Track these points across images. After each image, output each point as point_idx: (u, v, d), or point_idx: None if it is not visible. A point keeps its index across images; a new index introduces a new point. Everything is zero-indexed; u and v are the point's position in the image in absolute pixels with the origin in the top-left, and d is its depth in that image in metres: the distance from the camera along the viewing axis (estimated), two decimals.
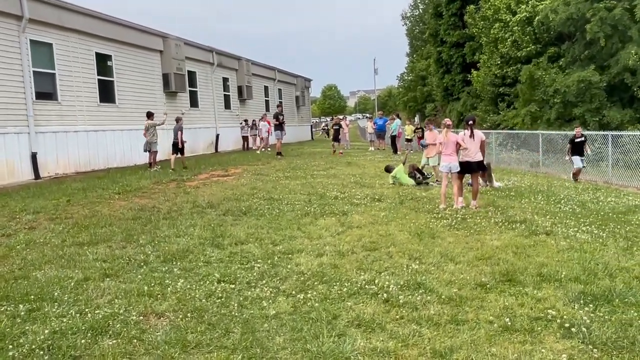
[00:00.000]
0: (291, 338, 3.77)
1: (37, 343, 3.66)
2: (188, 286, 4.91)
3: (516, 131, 21.49)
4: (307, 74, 44.48)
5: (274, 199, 9.84)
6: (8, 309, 4.37)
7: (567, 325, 3.83)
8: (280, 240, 6.68)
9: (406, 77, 60.40)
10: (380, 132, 26.93)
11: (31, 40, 14.89)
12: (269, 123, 26.98)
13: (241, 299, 4.58)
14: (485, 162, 9.72)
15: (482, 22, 28.08)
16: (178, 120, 17.60)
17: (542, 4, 22.57)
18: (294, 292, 4.74)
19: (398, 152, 22.31)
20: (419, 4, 57.34)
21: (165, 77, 21.57)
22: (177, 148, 16.98)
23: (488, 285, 4.80)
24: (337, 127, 23.85)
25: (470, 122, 9.05)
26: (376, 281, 4.95)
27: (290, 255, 5.98)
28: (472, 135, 8.91)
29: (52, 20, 15.58)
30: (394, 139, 23.57)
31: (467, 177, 9.59)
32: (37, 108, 15.02)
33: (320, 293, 4.70)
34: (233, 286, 4.92)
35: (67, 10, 16.21)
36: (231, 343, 3.70)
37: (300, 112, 39.74)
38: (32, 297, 4.62)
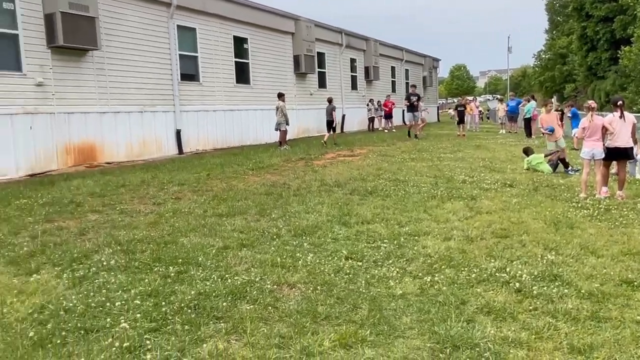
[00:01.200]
0: (418, 319, 3.77)
1: (185, 302, 4.04)
2: (317, 261, 5.09)
3: None
4: (435, 53, 43.16)
5: (399, 181, 9.81)
6: (160, 269, 4.86)
7: None
8: (406, 222, 6.66)
9: (543, 56, 56.51)
10: (512, 115, 25.55)
11: (178, 26, 16.15)
12: (387, 105, 26.77)
13: (368, 276, 4.66)
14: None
15: None
16: (330, 100, 18.91)
17: None
18: (420, 274, 4.72)
19: (532, 136, 21.02)
20: None
21: (296, 59, 22.24)
22: (332, 126, 18.27)
23: (635, 283, 4.41)
24: (461, 109, 23.08)
25: (620, 102, 8.22)
26: (507, 269, 4.76)
27: (416, 237, 5.94)
28: (622, 116, 8.10)
29: (196, 6, 16.75)
30: (528, 121, 22.22)
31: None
32: (182, 89, 16.32)
33: (447, 277, 4.63)
34: (360, 264, 5.02)
35: None
36: (359, 318, 3.79)
37: (426, 93, 38.89)
38: (180, 260, 5.09)
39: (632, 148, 8.31)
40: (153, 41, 15.25)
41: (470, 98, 34.19)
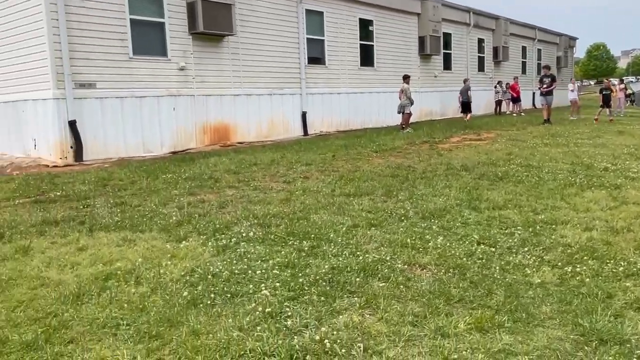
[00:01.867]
0: (559, 309, 3.59)
1: (319, 275, 4.20)
2: (447, 244, 5.02)
3: None
4: (571, 32, 40.12)
5: (532, 166, 9.30)
6: (294, 243, 5.09)
7: None
8: (541, 209, 6.31)
9: None
10: None
11: (307, 10, 16.53)
12: (514, 87, 25.30)
13: (502, 263, 4.51)
14: None
15: None
16: (465, 81, 18.94)
17: None
18: (559, 264, 4.46)
19: None
20: None
21: (421, 40, 21.80)
22: (467, 106, 18.48)
23: None
24: (607, 92, 21.18)
25: None
26: None
27: (553, 226, 5.61)
28: None
29: None
30: None
31: None
32: (308, 72, 16.75)
33: (590, 269, 4.34)
34: (493, 249, 4.86)
35: None
36: (494, 303, 3.69)
37: (560, 74, 36.22)
38: (312, 236, 5.29)
39: None
40: (283, 26, 15.79)
41: (616, 80, 30.90)
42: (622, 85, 26.13)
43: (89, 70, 11.46)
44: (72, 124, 11.15)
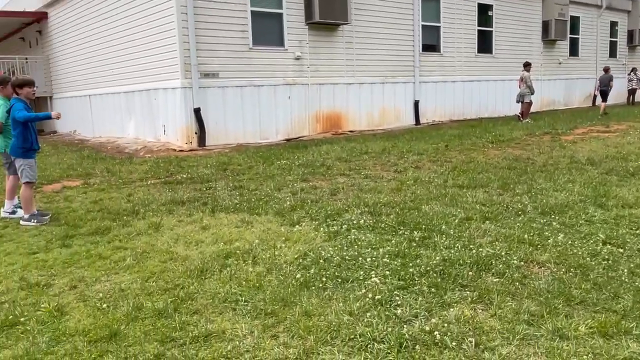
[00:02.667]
0: None
1: (430, 266, 4.15)
2: (569, 242, 4.72)
3: None
4: None
5: None
6: (405, 233, 5.07)
7: None
8: None
9: None
10: None
11: None
12: None
13: (632, 265, 4.15)
14: None
15: None
16: (607, 70, 18.33)
17: None
18: None
19: None
20: None
21: (545, 25, 20.45)
22: (606, 95, 17.92)
23: None
24: None
25: None
26: None
27: None
28: None
29: None
30: None
31: None
32: (422, 60, 16.44)
33: None
34: (621, 250, 4.49)
35: None
36: (621, 308, 3.43)
37: None
38: (423, 226, 5.23)
39: None
40: (398, 13, 15.60)
41: None
42: None
43: (213, 61, 12.16)
44: (197, 111, 11.92)
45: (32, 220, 6.03)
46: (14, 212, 6.48)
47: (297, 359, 2.98)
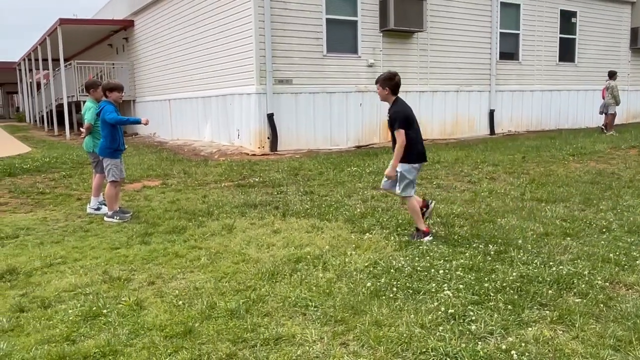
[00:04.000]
0: None
1: (507, 282, 3.99)
2: None
3: None
4: None
5: None
6: (479, 246, 4.91)
7: None
8: None
9: None
10: None
11: (501, 3, 15.75)
12: None
13: None
14: None
15: None
16: None
17: None
18: None
19: None
20: None
21: (634, 32, 19.32)
22: None
23: None
24: None
25: None
26: None
27: None
28: None
29: None
30: None
31: None
32: (499, 68, 15.97)
33: None
34: None
35: None
36: None
37: None
38: (499, 240, 5.05)
39: None
40: (475, 20, 15.24)
41: None
42: None
43: (287, 68, 12.37)
44: (270, 117, 12.16)
45: (115, 217, 6.34)
46: (98, 209, 6.85)
47: None
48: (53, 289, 4.16)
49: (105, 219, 6.40)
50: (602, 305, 3.64)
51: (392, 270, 4.30)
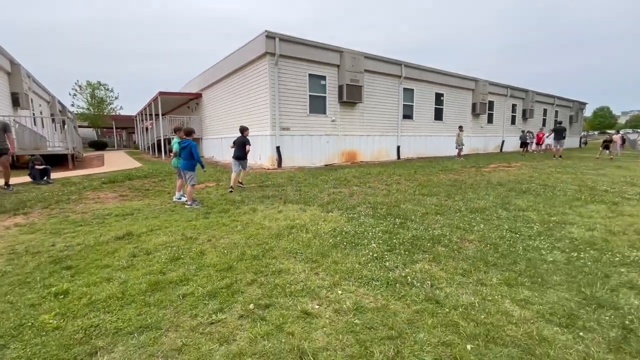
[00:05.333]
0: (567, 280, 3.04)
1: (405, 239, 4.01)
2: (486, 229, 4.50)
3: None
4: (584, 98, 33.14)
5: (547, 185, 7.94)
6: (391, 220, 4.91)
7: None
8: (554, 214, 5.34)
9: None
10: None
11: (404, 88, 15.93)
12: (539, 135, 21.67)
13: (524, 245, 3.92)
14: None
15: None
16: (522, 131, 17.28)
17: None
18: (567, 250, 3.76)
19: None
20: None
21: (474, 105, 19.80)
22: (525, 145, 17.33)
23: None
24: (608, 143, 17.38)
25: None
26: None
27: (563, 225, 4.73)
28: None
29: (415, 76, 16.26)
30: None
31: None
32: (403, 123, 16.12)
33: (592, 256, 3.59)
34: (517, 235, 4.25)
35: (422, 70, 16.57)
36: (518, 269, 3.24)
37: (572, 127, 30.45)
38: (402, 216, 5.07)
39: None
40: (389, 97, 15.41)
41: (614, 132, 24.92)
42: (620, 134, 21.02)
43: (287, 121, 12.28)
44: (278, 148, 12.04)
45: (192, 205, 6.18)
46: (179, 199, 6.66)
47: (329, 286, 2.93)
48: (153, 243, 4.05)
49: (186, 206, 6.23)
50: (456, 251, 3.70)
51: (343, 233, 4.29)
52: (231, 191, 7.33)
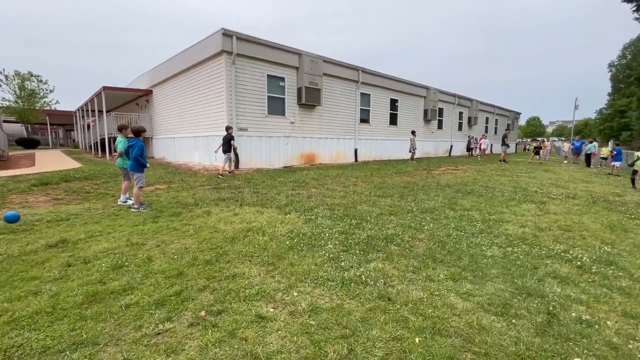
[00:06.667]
0: (502, 272, 3.33)
1: (361, 239, 4.12)
2: (435, 228, 4.78)
3: None
4: (518, 108, 36.90)
5: (489, 187, 8.67)
6: (348, 220, 5.01)
7: None
8: (493, 213, 5.86)
9: (605, 111, 44.54)
10: (577, 151, 20.66)
11: (361, 93, 16.40)
12: (480, 140, 23.61)
13: (468, 242, 4.23)
14: None
15: None
16: (470, 136, 18.39)
17: None
18: (504, 245, 4.13)
19: (591, 166, 16.83)
20: (627, 55, 40.95)
21: (425, 111, 20.99)
22: (470, 149, 17.65)
23: None
24: (538, 149, 19.46)
25: None
26: (570, 252, 3.92)
27: (500, 223, 5.20)
28: None
29: (371, 82, 16.80)
30: (588, 156, 17.83)
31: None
32: (360, 127, 16.57)
33: (523, 250, 3.99)
34: (462, 233, 4.58)
35: (378, 76, 17.19)
36: (462, 265, 3.49)
37: (510, 134, 33.56)
38: (358, 217, 5.19)
39: None
40: (347, 101, 15.76)
41: (542, 139, 28.14)
42: (549, 142, 23.69)
43: (245, 121, 12.01)
44: (235, 149, 11.70)
45: (139, 208, 5.77)
46: (125, 202, 6.20)
47: (285, 289, 2.91)
48: (92, 251, 3.70)
49: (132, 209, 5.79)
50: (407, 250, 3.87)
51: (301, 234, 4.29)
52: (221, 176, 7.15)
